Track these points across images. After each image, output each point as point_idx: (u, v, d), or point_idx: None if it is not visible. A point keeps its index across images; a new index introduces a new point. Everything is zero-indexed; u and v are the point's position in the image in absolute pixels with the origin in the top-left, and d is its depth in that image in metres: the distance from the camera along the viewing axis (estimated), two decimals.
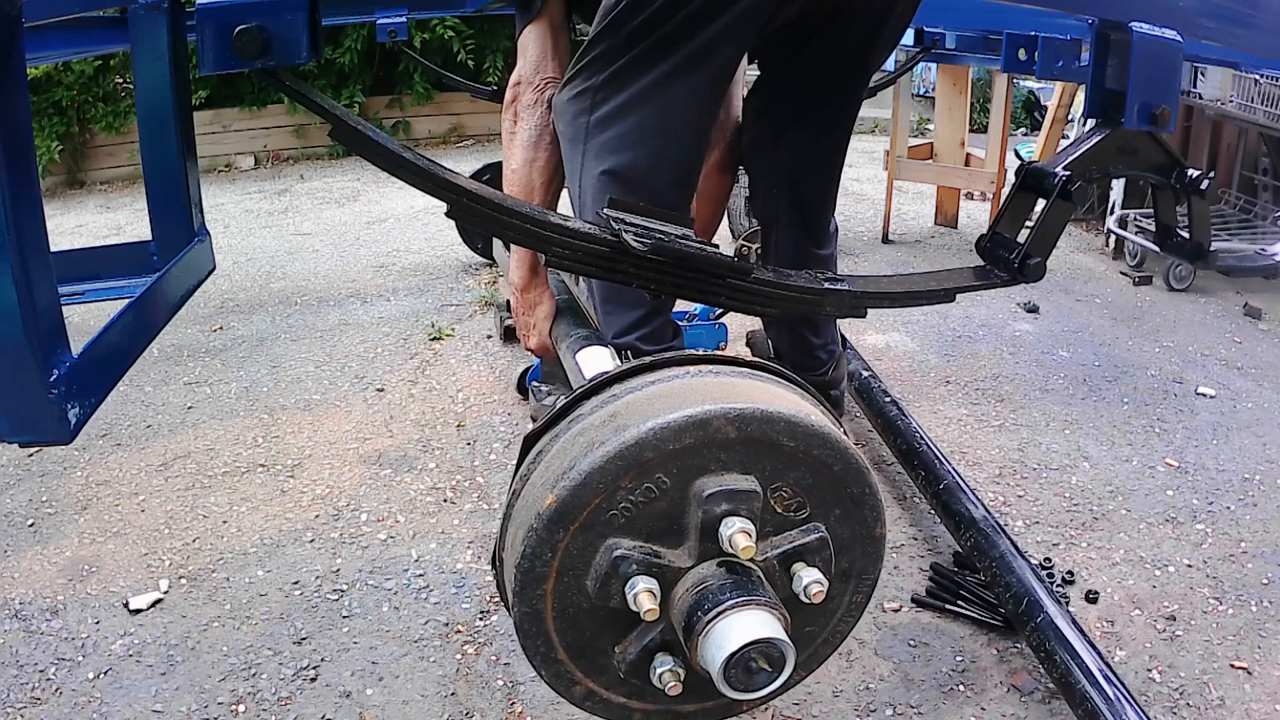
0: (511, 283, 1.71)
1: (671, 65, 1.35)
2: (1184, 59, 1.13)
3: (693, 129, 1.46)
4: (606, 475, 0.78)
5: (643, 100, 1.38)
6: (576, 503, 0.78)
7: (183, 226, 1.20)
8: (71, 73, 4.94)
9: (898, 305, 1.12)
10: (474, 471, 1.95)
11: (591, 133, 1.41)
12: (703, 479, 0.80)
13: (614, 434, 0.79)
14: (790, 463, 0.83)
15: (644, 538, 0.81)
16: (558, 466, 0.81)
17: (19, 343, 0.74)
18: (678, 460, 0.79)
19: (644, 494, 0.80)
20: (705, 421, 0.79)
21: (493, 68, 5.52)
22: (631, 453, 0.78)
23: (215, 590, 1.58)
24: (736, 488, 0.80)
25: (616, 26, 1.35)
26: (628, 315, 1.52)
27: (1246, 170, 3.51)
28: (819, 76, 1.58)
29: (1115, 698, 1.16)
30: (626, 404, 0.83)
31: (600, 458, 0.77)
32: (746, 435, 0.80)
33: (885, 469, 1.97)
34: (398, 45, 2.98)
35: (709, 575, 0.80)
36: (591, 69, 1.40)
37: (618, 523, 0.80)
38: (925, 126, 6.09)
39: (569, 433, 0.84)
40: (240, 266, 3.46)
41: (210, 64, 0.85)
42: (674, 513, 0.81)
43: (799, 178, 1.69)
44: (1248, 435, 2.13)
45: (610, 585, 0.80)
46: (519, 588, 0.80)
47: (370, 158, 0.91)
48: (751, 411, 0.80)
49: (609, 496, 0.79)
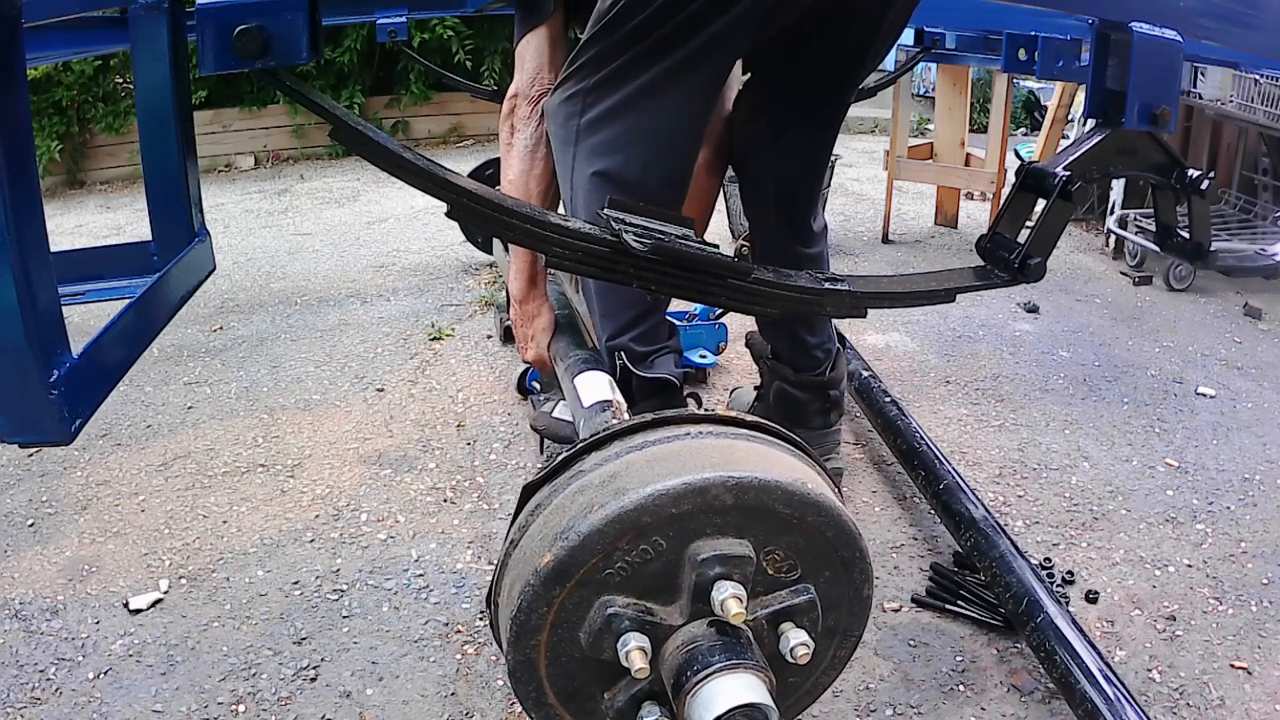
0: (511, 294, 1.72)
1: (663, 69, 1.36)
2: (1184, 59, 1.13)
3: (684, 133, 1.46)
4: (605, 538, 0.80)
5: (634, 104, 1.38)
6: (574, 562, 0.80)
7: (183, 227, 1.20)
8: (71, 73, 4.93)
9: (898, 305, 1.12)
10: (474, 471, 1.95)
11: (582, 135, 1.42)
12: (698, 542, 0.82)
13: (613, 496, 0.80)
14: (784, 527, 0.85)
15: (637, 595, 0.83)
16: (556, 524, 0.82)
17: (19, 343, 0.74)
18: (675, 524, 0.81)
19: (640, 555, 0.82)
20: (704, 489, 0.81)
21: (490, 69, 5.52)
22: (630, 517, 0.79)
23: (215, 590, 1.58)
24: (731, 553, 0.82)
25: (609, 30, 1.36)
26: (621, 316, 1.53)
27: (1246, 170, 3.51)
28: (812, 80, 1.58)
29: (1115, 698, 1.16)
30: (627, 464, 0.84)
31: (599, 520, 0.79)
32: (743, 502, 0.82)
33: (885, 469, 1.97)
34: (397, 45, 2.98)
35: (699, 635, 0.83)
36: (583, 72, 1.40)
37: (613, 581, 0.82)
38: (925, 126, 6.09)
39: (569, 489, 0.85)
40: (240, 266, 3.46)
41: (210, 64, 0.85)
42: (668, 572, 0.83)
43: (786, 179, 1.70)
44: (1248, 435, 2.13)
45: (603, 640, 0.83)
46: (514, 638, 0.83)
47: (370, 158, 0.91)
48: (749, 480, 0.82)
49: (606, 557, 0.81)
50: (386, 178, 0.95)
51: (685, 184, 1.53)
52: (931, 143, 3.97)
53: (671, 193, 1.48)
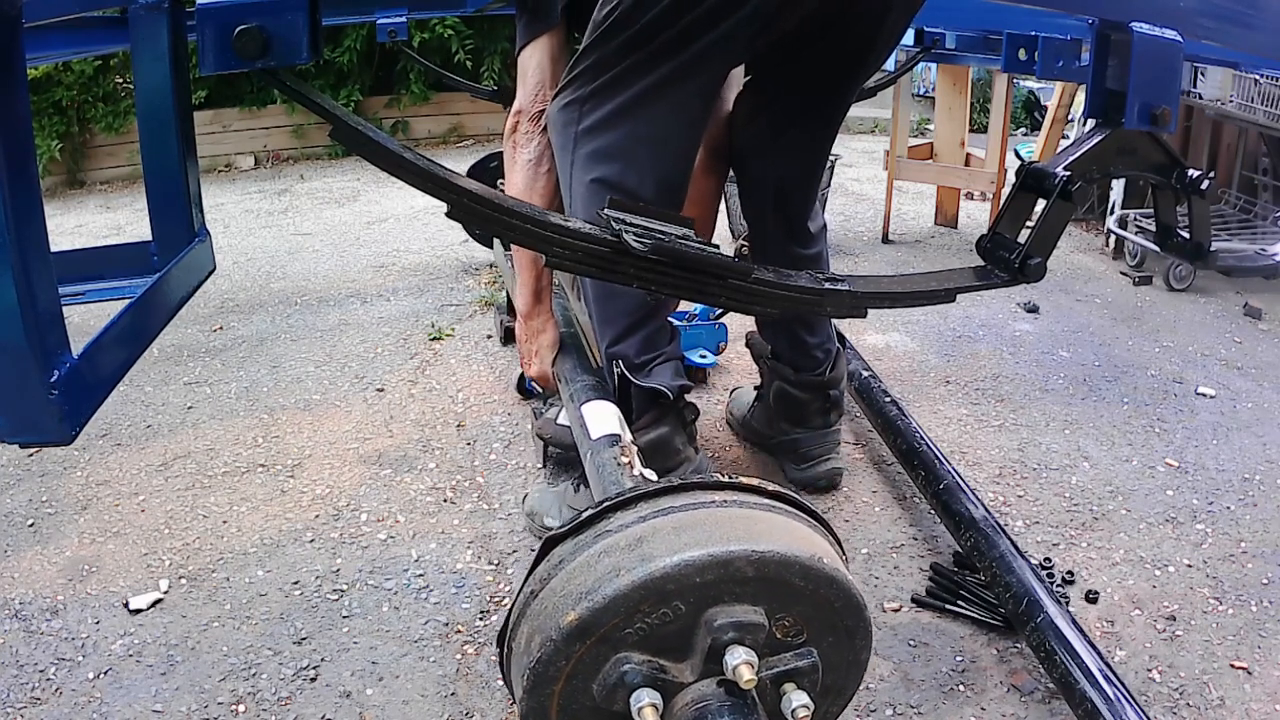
0: (516, 309, 1.72)
1: (659, 77, 1.36)
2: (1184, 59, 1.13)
3: (680, 140, 1.47)
4: (629, 601, 0.84)
5: (630, 111, 1.39)
6: (596, 621, 0.84)
7: (183, 227, 1.20)
8: (71, 73, 4.93)
9: (898, 305, 1.12)
10: (474, 471, 1.96)
11: (580, 141, 1.42)
12: (716, 608, 0.86)
13: (640, 562, 0.84)
14: (797, 598, 0.89)
15: (652, 652, 0.87)
16: (581, 583, 0.86)
17: (19, 343, 0.74)
18: (696, 591, 0.85)
19: (660, 617, 0.85)
20: (728, 561, 0.85)
21: (490, 69, 5.52)
22: (655, 584, 0.83)
23: (215, 590, 1.58)
24: (746, 620, 0.86)
25: (605, 38, 1.36)
26: (621, 322, 1.53)
27: (1246, 170, 3.51)
28: (813, 81, 1.58)
29: (1115, 698, 1.15)
30: (653, 529, 0.88)
31: (625, 585, 0.83)
32: (763, 574, 0.86)
33: (885, 469, 1.97)
34: (397, 45, 2.98)
35: (709, 694, 0.87)
36: (581, 80, 1.41)
37: (630, 639, 0.86)
38: (925, 126, 6.09)
39: (594, 548, 0.88)
40: (240, 266, 3.46)
41: (210, 64, 0.85)
42: (684, 634, 0.87)
43: (785, 180, 1.70)
44: (1248, 435, 2.13)
45: (616, 694, 0.86)
46: (529, 685, 0.86)
47: (371, 158, 0.91)
48: (770, 554, 0.86)
49: (627, 618, 0.85)
50: (386, 178, 0.95)
51: (683, 189, 1.53)
52: (931, 143, 3.97)
53: (669, 197, 1.48)
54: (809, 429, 1.85)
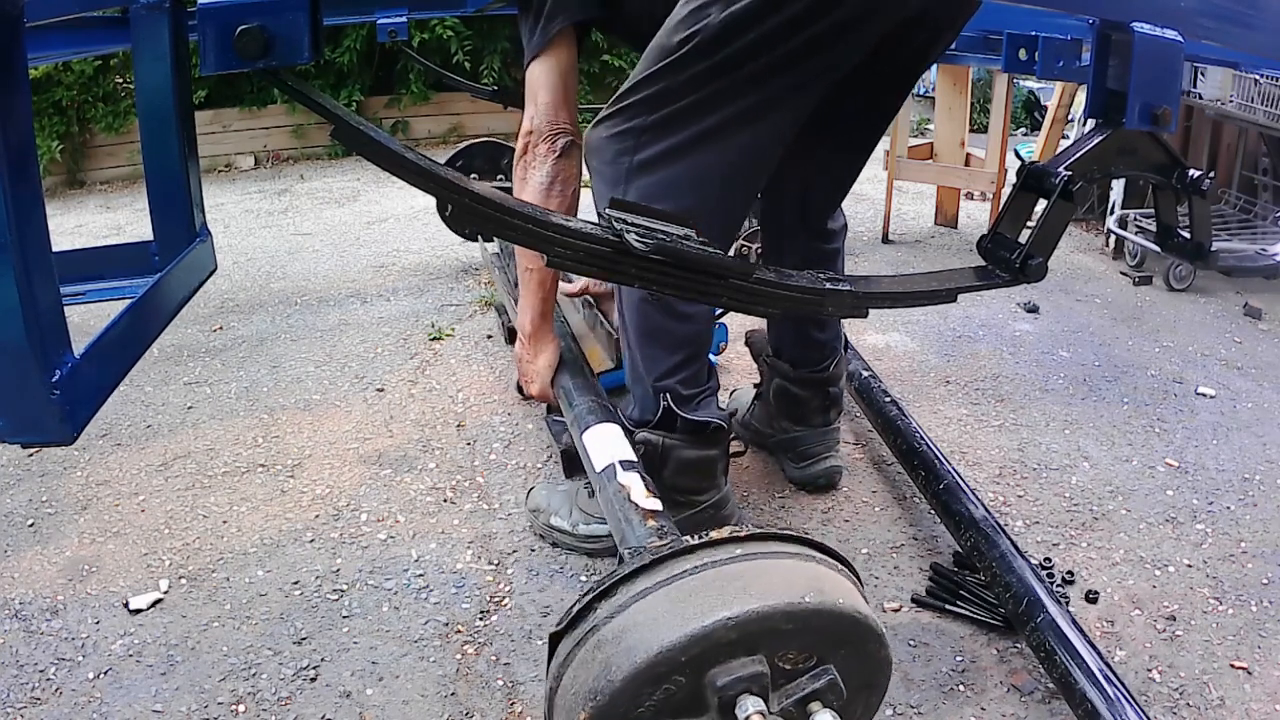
0: (519, 329, 1.71)
1: (735, 112, 1.29)
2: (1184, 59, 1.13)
3: (748, 178, 1.41)
4: (629, 690, 0.88)
5: (696, 146, 1.32)
6: (607, 715, 0.89)
7: (184, 226, 1.20)
8: (71, 73, 4.93)
9: (899, 305, 1.13)
10: (474, 471, 1.96)
11: (633, 175, 1.36)
12: (714, 670, 0.90)
13: (626, 655, 0.89)
14: (792, 636, 0.93)
15: (671, 717, 0.92)
16: (584, 682, 0.92)
17: (20, 343, 0.74)
18: (689, 665, 0.89)
19: (663, 693, 0.90)
20: (705, 635, 0.88)
21: (490, 69, 5.52)
22: (644, 671, 0.88)
23: (215, 590, 1.58)
24: (746, 672, 0.90)
25: (677, 68, 1.29)
26: (668, 359, 1.50)
27: (1246, 170, 3.51)
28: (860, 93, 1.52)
29: (1115, 698, 1.16)
30: (632, 619, 0.92)
31: (620, 679, 0.88)
32: (746, 633, 0.90)
33: (885, 469, 1.97)
34: (397, 45, 2.98)
35: None
36: (639, 109, 1.34)
37: (647, 715, 0.91)
38: (925, 126, 6.09)
39: (588, 644, 0.94)
40: (240, 266, 3.46)
41: (211, 64, 0.85)
42: (694, 696, 0.91)
43: (815, 188, 1.68)
44: (1248, 435, 2.13)
45: None
46: None
47: (372, 158, 0.91)
48: (746, 614, 0.90)
49: (634, 702, 0.89)
50: (387, 178, 0.95)
51: (739, 227, 1.50)
52: (931, 143, 3.97)
53: (726, 237, 1.43)
54: (808, 427, 1.85)
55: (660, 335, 1.50)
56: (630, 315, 1.52)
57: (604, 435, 1.42)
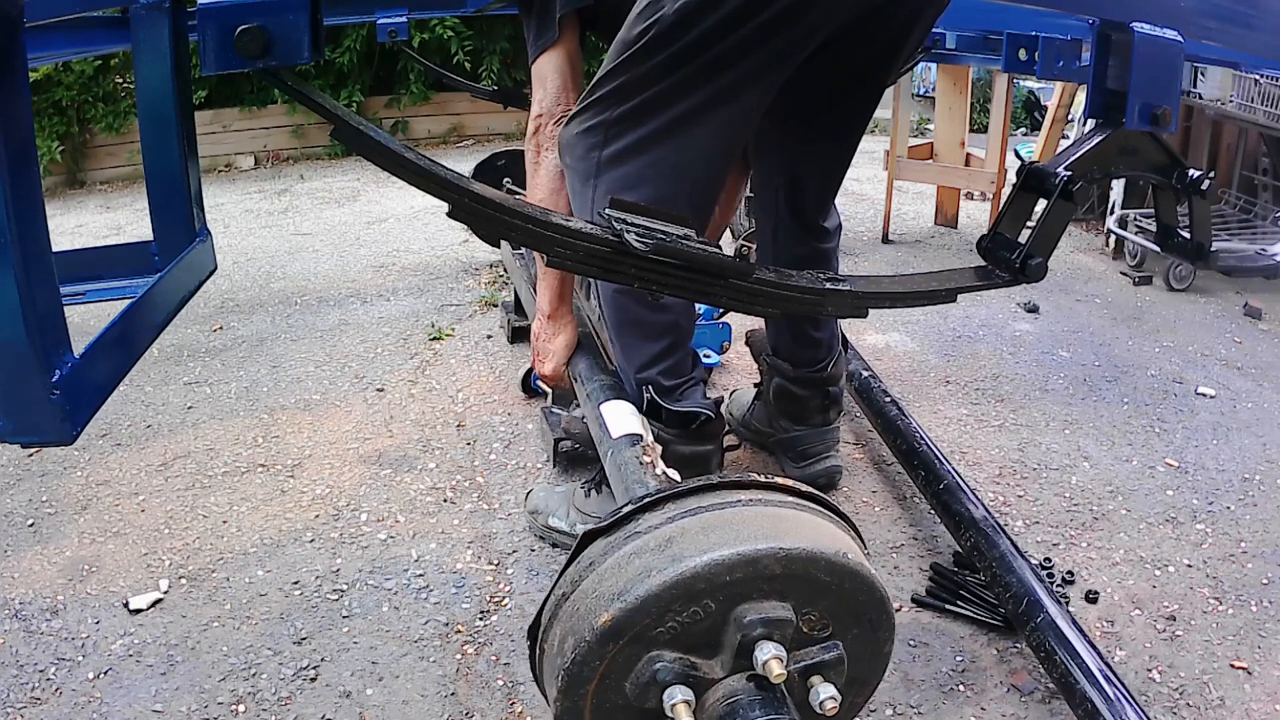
0: (538, 308, 1.71)
1: (697, 101, 1.30)
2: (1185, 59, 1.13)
3: (716, 166, 1.42)
4: (660, 601, 0.85)
5: (662, 137, 1.34)
6: (628, 622, 0.85)
7: (184, 226, 1.20)
8: (71, 73, 4.93)
9: (899, 305, 1.13)
10: (474, 471, 1.96)
11: (604, 168, 1.37)
12: (745, 605, 0.88)
13: (670, 563, 0.86)
14: (823, 593, 0.91)
15: (683, 650, 0.89)
16: (612, 585, 0.87)
17: (21, 343, 0.74)
18: (725, 590, 0.87)
19: (690, 615, 0.87)
20: (756, 559, 0.86)
21: (490, 69, 5.52)
22: (685, 583, 0.85)
23: (215, 590, 1.58)
24: (774, 616, 0.88)
25: (637, 60, 1.30)
26: (647, 349, 1.51)
27: (1246, 170, 3.51)
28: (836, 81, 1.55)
29: (1115, 698, 1.16)
30: (682, 530, 0.89)
31: (656, 585, 0.85)
32: (789, 571, 0.88)
33: (885, 469, 1.97)
34: (397, 45, 2.98)
35: (739, 689, 0.89)
36: (606, 103, 1.35)
37: (662, 639, 0.88)
38: (925, 126, 6.09)
39: (625, 549, 0.90)
40: (240, 266, 3.46)
41: (212, 64, 0.85)
42: (714, 631, 0.89)
43: (803, 179, 1.68)
44: (1248, 435, 2.13)
45: (648, 692, 0.88)
46: (564, 686, 0.88)
47: (372, 158, 0.91)
48: (798, 551, 0.88)
49: (659, 618, 0.86)
50: (386, 178, 0.95)
51: (710, 214, 1.50)
52: (931, 143, 3.97)
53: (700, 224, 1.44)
54: (808, 426, 1.85)
55: (637, 326, 1.50)
56: (607, 308, 1.53)
57: (623, 409, 1.42)
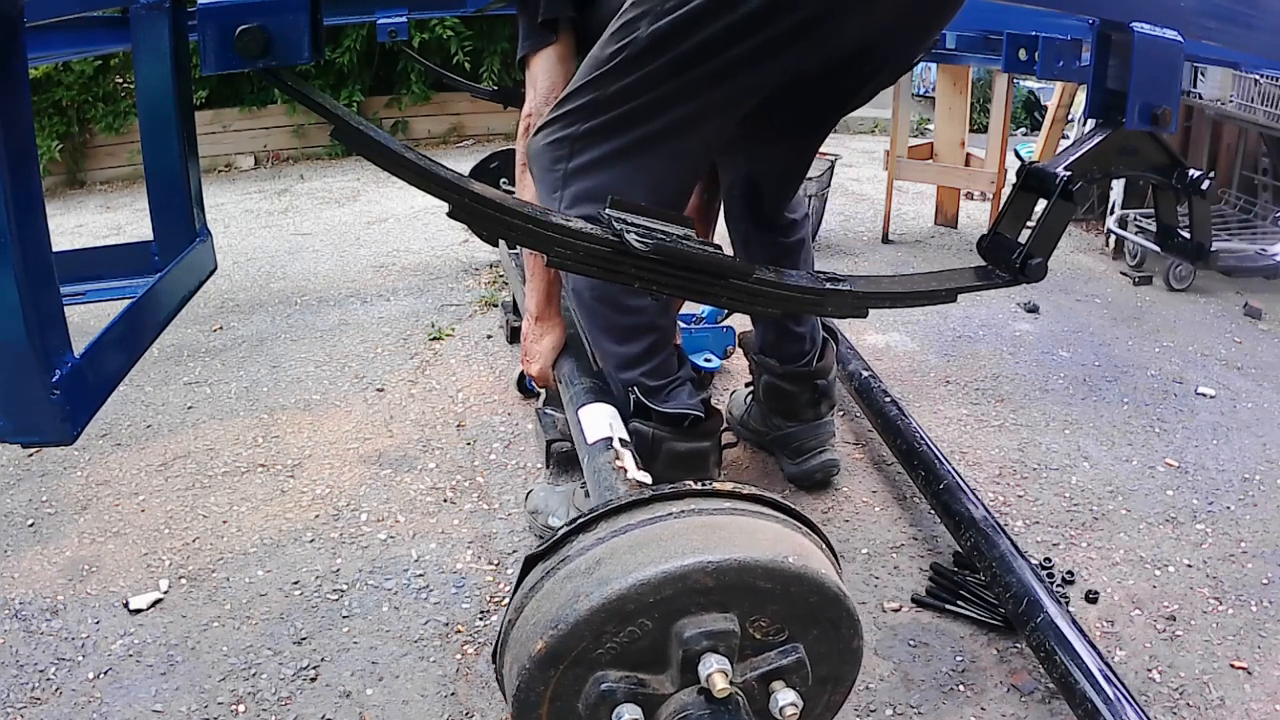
0: (526, 309, 1.71)
1: (665, 123, 1.33)
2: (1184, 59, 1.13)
3: (677, 185, 1.45)
4: (591, 625, 0.85)
5: (625, 156, 1.36)
6: (564, 647, 0.85)
7: (184, 226, 1.20)
8: (71, 73, 4.93)
9: (899, 305, 1.13)
10: (474, 471, 1.96)
11: (569, 180, 1.40)
12: (683, 620, 0.87)
13: (597, 586, 0.85)
14: (768, 598, 0.89)
15: (629, 668, 0.88)
16: (547, 612, 0.87)
17: (21, 343, 0.74)
18: (658, 608, 0.86)
19: (628, 635, 0.86)
20: (683, 575, 0.85)
21: (489, 69, 5.52)
22: (614, 605, 0.84)
23: (215, 590, 1.58)
24: (715, 628, 0.87)
25: (604, 81, 1.33)
26: (626, 351, 1.51)
27: (1246, 170, 3.51)
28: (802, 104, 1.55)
29: (1115, 698, 1.16)
30: (611, 550, 0.89)
31: (584, 610, 0.84)
32: (723, 583, 0.86)
33: (885, 469, 1.97)
34: (397, 45, 2.98)
35: (690, 704, 0.88)
36: (572, 118, 1.38)
37: (604, 659, 0.87)
38: (925, 126, 6.09)
39: (559, 574, 0.90)
40: (240, 266, 3.46)
41: (212, 64, 0.85)
42: (657, 646, 0.88)
43: (759, 183, 1.70)
44: (1248, 435, 2.13)
45: (599, 711, 0.88)
46: (516, 711, 0.89)
47: (373, 158, 0.91)
48: (727, 563, 0.86)
49: (595, 640, 0.86)
50: (386, 178, 0.95)
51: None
52: (931, 143, 3.97)
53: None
54: (800, 422, 1.85)
55: (611, 330, 1.51)
56: (583, 315, 1.54)
57: (600, 413, 1.42)
